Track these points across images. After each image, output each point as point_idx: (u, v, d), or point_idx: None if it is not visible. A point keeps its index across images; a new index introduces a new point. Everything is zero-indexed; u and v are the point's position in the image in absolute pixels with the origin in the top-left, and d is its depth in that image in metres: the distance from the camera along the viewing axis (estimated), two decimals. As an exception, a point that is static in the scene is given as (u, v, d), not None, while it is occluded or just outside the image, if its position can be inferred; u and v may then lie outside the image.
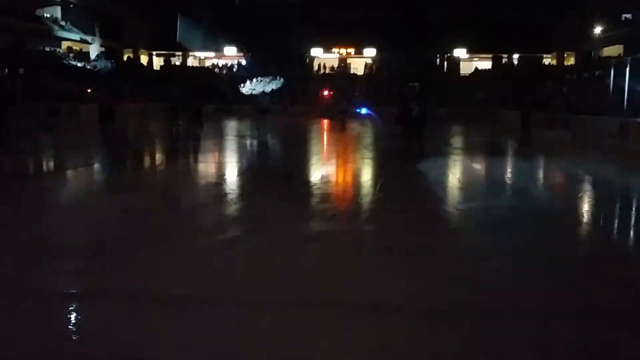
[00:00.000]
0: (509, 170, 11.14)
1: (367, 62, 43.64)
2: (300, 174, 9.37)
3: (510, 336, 2.92)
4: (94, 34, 37.94)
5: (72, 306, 3.29)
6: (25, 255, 4.23)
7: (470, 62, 42.81)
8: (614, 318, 3.23)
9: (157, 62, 44.56)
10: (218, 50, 43.32)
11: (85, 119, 23.92)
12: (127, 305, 3.30)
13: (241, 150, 14.33)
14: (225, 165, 10.88)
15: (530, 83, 30.91)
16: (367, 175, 9.76)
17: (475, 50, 41.72)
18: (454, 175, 9.78)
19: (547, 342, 2.83)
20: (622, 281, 3.88)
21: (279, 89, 32.11)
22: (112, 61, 36.56)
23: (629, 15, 31.43)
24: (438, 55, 42.67)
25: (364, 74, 42.36)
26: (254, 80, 30.79)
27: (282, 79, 28.23)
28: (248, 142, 16.80)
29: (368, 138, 18.78)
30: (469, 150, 14.52)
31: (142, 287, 3.60)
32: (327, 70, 43.17)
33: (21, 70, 27.82)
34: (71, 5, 35.79)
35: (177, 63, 44.50)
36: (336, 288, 3.64)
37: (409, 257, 4.37)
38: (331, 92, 35.29)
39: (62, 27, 34.34)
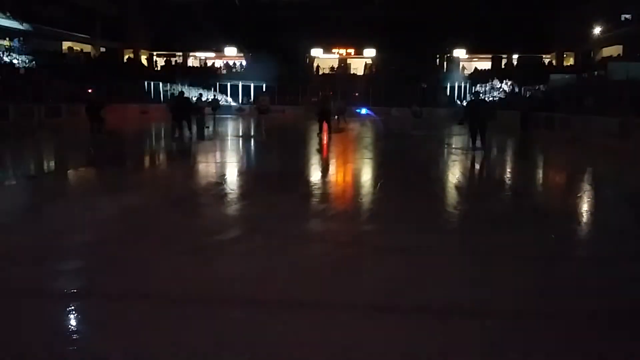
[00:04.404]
0: (507, 170, 11.18)
1: (367, 62, 43.68)
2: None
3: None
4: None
5: (72, 306, 3.32)
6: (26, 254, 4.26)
7: (470, 62, 42.86)
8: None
9: (158, 62, 44.66)
10: (218, 50, 43.37)
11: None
12: (126, 305, 3.33)
13: (239, 151, 14.38)
14: (225, 166, 10.91)
15: (530, 83, 30.96)
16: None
17: (475, 50, 41.77)
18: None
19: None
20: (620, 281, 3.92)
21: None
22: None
23: (628, 16, 31.47)
24: (438, 55, 42.73)
25: (364, 74, 42.43)
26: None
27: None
28: (246, 143, 16.84)
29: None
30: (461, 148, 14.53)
31: (142, 286, 3.63)
32: (327, 71, 43.24)
33: (22, 71, 27.84)
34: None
35: (178, 63, 44.60)
36: (337, 288, 3.67)
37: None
38: (331, 93, 35.32)
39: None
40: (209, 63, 45.15)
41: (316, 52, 43.44)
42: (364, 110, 33.76)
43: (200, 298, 3.43)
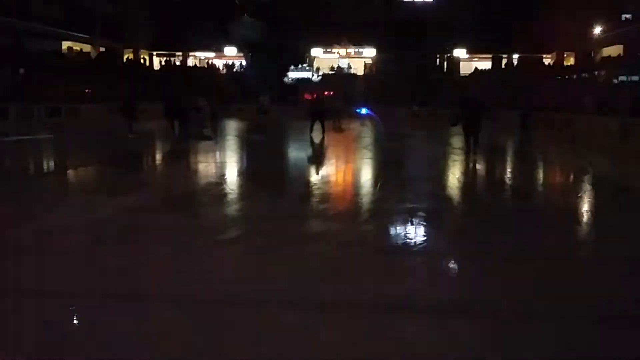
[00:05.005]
0: (508, 171, 11.18)
1: (367, 62, 43.65)
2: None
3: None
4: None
5: (72, 306, 3.31)
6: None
7: (470, 62, 42.81)
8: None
9: (158, 62, 44.63)
10: (218, 50, 43.32)
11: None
12: (126, 305, 3.32)
13: (242, 151, 14.40)
14: (226, 166, 10.91)
15: (530, 83, 30.92)
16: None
17: (475, 50, 41.73)
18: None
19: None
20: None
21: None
22: None
23: (629, 15, 31.45)
24: (438, 55, 42.68)
25: (364, 73, 42.39)
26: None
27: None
28: (249, 142, 16.86)
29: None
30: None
31: (141, 287, 3.62)
32: (327, 71, 43.18)
33: (21, 71, 27.84)
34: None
35: (177, 63, 44.53)
36: (336, 288, 3.66)
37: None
38: (332, 92, 35.30)
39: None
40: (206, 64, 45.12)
41: (316, 52, 43.41)
42: (364, 110, 33.74)
43: (200, 298, 3.42)
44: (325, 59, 43.83)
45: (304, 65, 41.45)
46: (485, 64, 42.07)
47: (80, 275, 3.82)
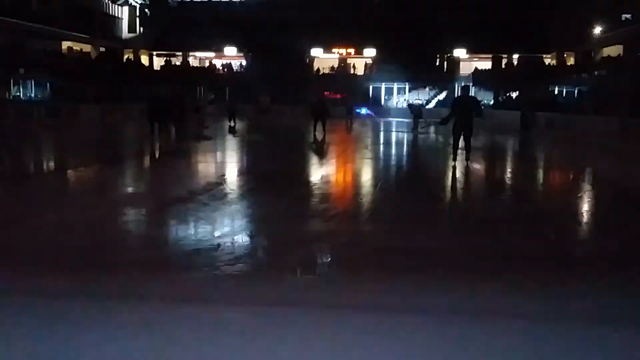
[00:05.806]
0: (508, 170, 11.17)
1: (367, 62, 43.64)
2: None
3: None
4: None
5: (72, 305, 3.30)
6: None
7: (470, 62, 42.80)
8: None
9: (158, 62, 44.64)
10: (218, 50, 43.32)
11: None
12: (126, 305, 3.32)
13: (242, 150, 14.40)
14: (226, 165, 10.92)
15: (530, 83, 30.96)
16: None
17: (475, 50, 41.73)
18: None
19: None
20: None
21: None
22: None
23: (628, 15, 31.46)
24: (438, 55, 42.66)
25: (364, 73, 42.41)
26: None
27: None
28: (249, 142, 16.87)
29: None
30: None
31: (141, 286, 3.62)
32: (327, 71, 43.20)
33: (21, 70, 27.85)
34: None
35: (177, 63, 44.55)
36: (337, 289, 3.66)
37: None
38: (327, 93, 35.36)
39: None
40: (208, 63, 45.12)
41: (316, 52, 43.39)
42: (364, 110, 33.79)
43: (199, 298, 3.42)
44: (326, 59, 43.83)
45: None
46: (485, 64, 42.08)
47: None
